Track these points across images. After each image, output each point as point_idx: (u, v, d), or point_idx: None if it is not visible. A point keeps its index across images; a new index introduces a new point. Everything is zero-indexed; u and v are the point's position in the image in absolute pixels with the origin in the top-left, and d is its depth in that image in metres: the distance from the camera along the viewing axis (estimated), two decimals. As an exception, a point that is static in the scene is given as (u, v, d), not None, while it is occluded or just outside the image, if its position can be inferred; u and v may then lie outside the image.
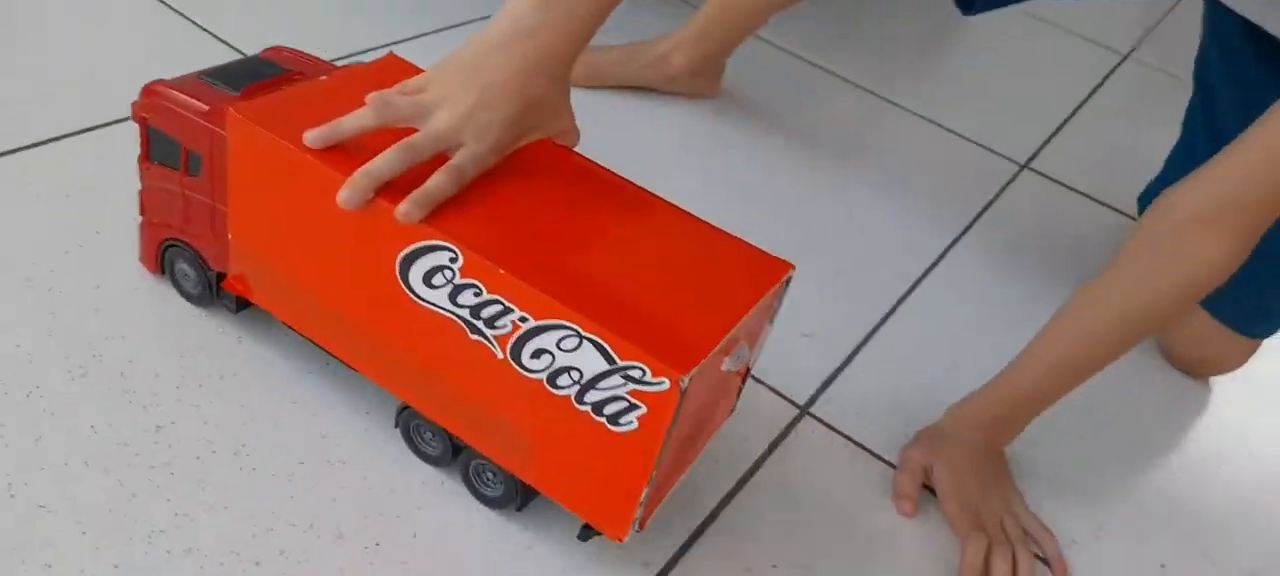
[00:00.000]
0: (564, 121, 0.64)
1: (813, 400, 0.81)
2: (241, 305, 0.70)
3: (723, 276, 0.59)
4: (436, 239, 0.55)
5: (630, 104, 1.13)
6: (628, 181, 0.64)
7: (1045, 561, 0.72)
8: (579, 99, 0.66)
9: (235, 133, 0.60)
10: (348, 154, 0.57)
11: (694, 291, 0.58)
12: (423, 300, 0.57)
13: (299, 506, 0.60)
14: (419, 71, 0.65)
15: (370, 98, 0.59)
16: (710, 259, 0.60)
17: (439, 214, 0.56)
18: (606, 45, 1.10)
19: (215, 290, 0.69)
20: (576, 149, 0.66)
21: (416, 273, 0.56)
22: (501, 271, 0.54)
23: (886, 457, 0.77)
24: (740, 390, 0.67)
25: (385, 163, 0.56)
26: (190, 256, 0.69)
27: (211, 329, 0.70)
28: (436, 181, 0.56)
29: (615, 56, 1.13)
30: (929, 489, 0.74)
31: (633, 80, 1.14)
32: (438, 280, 0.56)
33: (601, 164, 0.65)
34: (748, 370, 0.65)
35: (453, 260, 0.55)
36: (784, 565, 0.67)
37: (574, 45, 0.61)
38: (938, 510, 0.73)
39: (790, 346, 0.83)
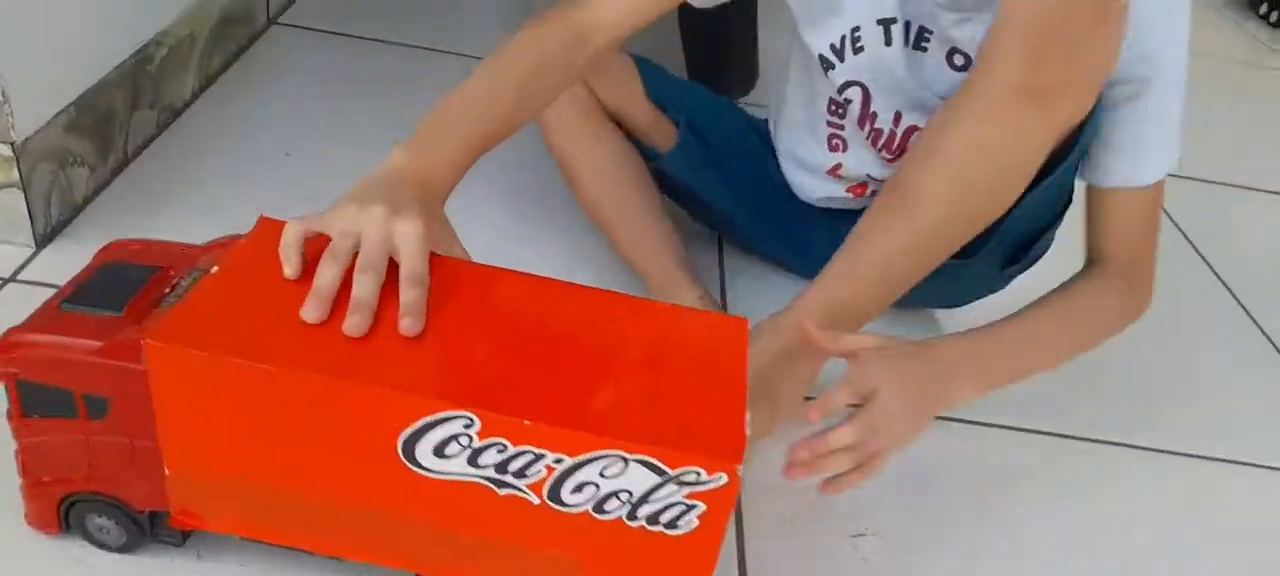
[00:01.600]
0: (456, 250, 0.64)
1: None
2: (185, 535, 0.62)
3: (702, 350, 0.59)
4: (446, 410, 0.52)
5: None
6: (559, 281, 0.62)
7: None
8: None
9: (159, 362, 0.53)
10: (302, 347, 0.53)
11: (689, 374, 0.58)
12: (435, 473, 0.53)
13: None
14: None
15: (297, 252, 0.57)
16: (680, 336, 0.60)
17: (428, 382, 0.53)
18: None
19: (152, 531, 0.61)
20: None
21: (424, 449, 0.53)
22: (527, 422, 0.51)
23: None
24: None
25: (338, 278, 0.55)
26: (107, 507, 0.60)
27: (162, 568, 0.62)
28: (408, 293, 0.56)
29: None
30: None
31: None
32: (452, 449, 0.53)
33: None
34: None
35: (468, 426, 0.52)
36: None
37: (446, 180, 0.63)
38: None
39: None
